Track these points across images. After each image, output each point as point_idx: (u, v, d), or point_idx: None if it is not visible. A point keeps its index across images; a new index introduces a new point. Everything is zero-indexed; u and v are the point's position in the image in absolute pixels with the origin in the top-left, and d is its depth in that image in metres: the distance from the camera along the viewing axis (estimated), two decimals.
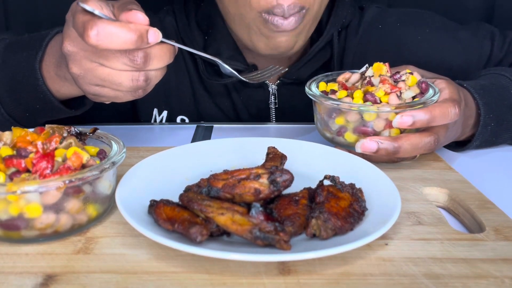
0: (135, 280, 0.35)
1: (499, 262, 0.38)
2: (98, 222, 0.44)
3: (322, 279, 0.36)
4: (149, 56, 0.46)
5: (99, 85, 0.48)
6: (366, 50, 0.81)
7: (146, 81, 0.47)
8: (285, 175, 0.41)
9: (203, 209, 0.39)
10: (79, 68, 0.48)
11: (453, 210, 0.49)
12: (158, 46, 0.46)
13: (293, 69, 0.79)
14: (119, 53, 0.45)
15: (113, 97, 0.50)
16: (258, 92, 0.82)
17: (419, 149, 0.52)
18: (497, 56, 0.78)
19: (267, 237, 0.36)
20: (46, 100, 0.59)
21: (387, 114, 0.53)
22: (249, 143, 0.58)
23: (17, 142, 0.42)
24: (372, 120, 0.53)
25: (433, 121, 0.52)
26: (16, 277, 0.36)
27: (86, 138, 0.48)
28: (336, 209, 0.40)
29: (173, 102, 0.83)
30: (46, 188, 0.38)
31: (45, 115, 0.63)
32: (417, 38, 0.80)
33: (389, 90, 0.54)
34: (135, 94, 0.49)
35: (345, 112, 0.54)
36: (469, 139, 0.63)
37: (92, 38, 0.42)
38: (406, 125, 0.52)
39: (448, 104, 0.52)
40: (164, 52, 0.47)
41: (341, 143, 0.56)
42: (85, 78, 0.48)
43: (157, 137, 0.73)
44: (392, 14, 0.83)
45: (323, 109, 0.57)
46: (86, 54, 0.47)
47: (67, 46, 0.47)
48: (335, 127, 0.56)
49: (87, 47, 0.46)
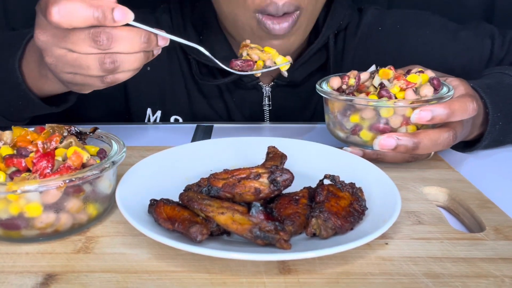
0: (135, 280, 0.36)
1: (499, 261, 0.38)
2: (98, 222, 0.44)
3: (322, 278, 0.36)
4: (114, 37, 0.44)
5: (71, 73, 0.48)
6: (366, 52, 0.81)
7: (113, 63, 0.46)
8: (285, 174, 0.41)
9: (203, 208, 0.39)
10: (51, 56, 0.47)
11: (453, 209, 0.49)
12: (126, 28, 0.45)
13: (288, 71, 0.79)
14: (84, 35, 0.44)
15: (85, 84, 0.49)
16: (252, 93, 0.82)
17: (438, 145, 0.51)
18: (498, 55, 0.78)
19: (267, 236, 0.36)
20: (26, 97, 0.59)
21: (404, 110, 0.52)
22: (249, 142, 0.58)
23: (17, 142, 0.42)
24: (389, 116, 0.52)
25: (453, 116, 0.51)
26: (16, 277, 0.36)
27: (86, 138, 0.48)
28: (336, 208, 0.40)
29: (167, 102, 0.83)
30: (46, 188, 0.38)
31: (29, 111, 0.64)
32: (418, 39, 0.80)
33: (404, 86, 0.53)
34: (104, 80, 0.48)
35: (360, 109, 0.53)
36: (476, 139, 0.62)
37: (54, 16, 0.42)
38: (425, 120, 0.50)
39: (466, 99, 0.52)
40: (133, 35, 0.45)
41: (356, 142, 0.56)
42: (57, 66, 0.48)
43: (157, 137, 0.73)
44: (392, 16, 0.82)
45: (336, 107, 0.56)
46: (55, 41, 0.46)
47: (38, 35, 0.47)
48: (349, 126, 0.55)
49: (56, 33, 0.46)
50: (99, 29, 0.44)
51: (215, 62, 0.54)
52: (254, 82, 0.79)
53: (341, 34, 0.81)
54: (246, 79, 0.79)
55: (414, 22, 0.82)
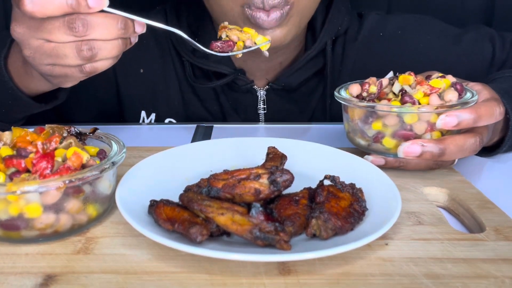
0: (135, 280, 0.35)
1: (499, 262, 0.38)
2: (98, 222, 0.44)
3: (322, 279, 0.36)
4: (89, 24, 0.44)
5: (50, 64, 0.48)
6: (367, 57, 0.80)
7: (90, 50, 0.45)
8: (285, 175, 0.41)
9: (203, 209, 0.38)
10: (28, 48, 0.47)
11: (453, 210, 0.49)
12: (102, 14, 0.45)
13: (283, 76, 0.79)
14: (59, 23, 0.44)
15: (64, 75, 0.49)
16: (247, 96, 0.81)
17: (464, 151, 0.50)
18: (500, 58, 0.78)
19: (267, 237, 0.36)
20: (15, 96, 0.59)
21: (429, 116, 0.50)
22: (249, 143, 0.58)
23: (17, 142, 0.42)
24: (413, 122, 0.51)
25: (479, 121, 0.49)
26: (16, 277, 0.36)
27: (86, 138, 0.48)
28: (336, 209, 0.40)
29: (161, 105, 0.83)
30: (46, 188, 0.38)
31: (20, 110, 0.64)
32: (419, 44, 0.79)
33: (428, 91, 0.51)
34: (83, 70, 0.47)
35: (383, 116, 0.52)
36: (496, 144, 0.61)
37: (27, 5, 0.42)
38: (451, 125, 0.49)
39: (492, 103, 0.51)
40: (110, 21, 0.45)
41: (378, 150, 0.54)
42: (35, 59, 0.48)
43: (156, 137, 0.73)
44: (392, 21, 0.82)
45: (357, 114, 0.54)
46: (31, 33, 0.46)
47: (14, 27, 0.47)
48: (371, 133, 0.54)
49: (31, 24, 0.46)
50: (73, 16, 0.44)
51: (196, 46, 0.53)
52: (248, 86, 0.79)
53: (341, 39, 0.81)
54: (240, 82, 0.78)
55: (415, 27, 0.81)
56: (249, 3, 0.64)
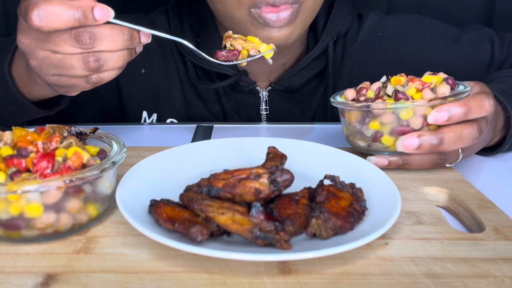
0: (135, 280, 0.36)
1: (499, 261, 0.38)
2: (99, 222, 0.44)
3: (322, 278, 0.36)
4: (96, 36, 0.44)
5: (56, 74, 0.48)
6: (366, 58, 0.80)
7: (97, 62, 0.46)
8: (286, 174, 0.41)
9: (204, 208, 0.39)
10: (35, 59, 0.47)
11: (453, 209, 0.49)
12: (108, 26, 0.45)
13: (286, 77, 0.79)
14: (66, 36, 0.44)
15: (70, 85, 0.49)
16: (249, 98, 0.81)
17: (462, 139, 0.50)
18: (499, 58, 0.78)
19: (267, 236, 0.36)
20: (18, 101, 0.60)
21: (423, 110, 0.51)
22: (249, 143, 0.58)
23: (17, 142, 0.42)
24: (409, 118, 0.51)
25: (470, 114, 0.50)
26: (16, 277, 0.36)
27: (86, 138, 0.48)
28: (336, 208, 0.40)
29: (162, 105, 0.83)
30: (47, 188, 0.38)
31: (23, 115, 0.64)
32: (418, 45, 0.79)
33: (420, 87, 0.52)
34: (89, 80, 0.48)
35: (379, 114, 0.53)
36: (497, 143, 0.62)
37: (34, 20, 0.42)
38: (442, 120, 0.50)
39: (482, 96, 0.51)
40: (116, 33, 0.45)
41: (378, 149, 0.55)
42: (42, 69, 0.48)
43: (157, 137, 0.73)
44: (392, 21, 0.82)
45: (354, 116, 0.55)
46: (38, 44, 0.46)
47: (21, 39, 0.47)
48: (370, 133, 0.54)
49: (38, 36, 0.46)
50: (80, 29, 0.44)
51: (201, 55, 0.54)
52: (251, 87, 0.79)
53: (341, 40, 0.81)
54: (243, 83, 0.78)
55: (414, 27, 0.81)
56: (257, 3, 0.64)
